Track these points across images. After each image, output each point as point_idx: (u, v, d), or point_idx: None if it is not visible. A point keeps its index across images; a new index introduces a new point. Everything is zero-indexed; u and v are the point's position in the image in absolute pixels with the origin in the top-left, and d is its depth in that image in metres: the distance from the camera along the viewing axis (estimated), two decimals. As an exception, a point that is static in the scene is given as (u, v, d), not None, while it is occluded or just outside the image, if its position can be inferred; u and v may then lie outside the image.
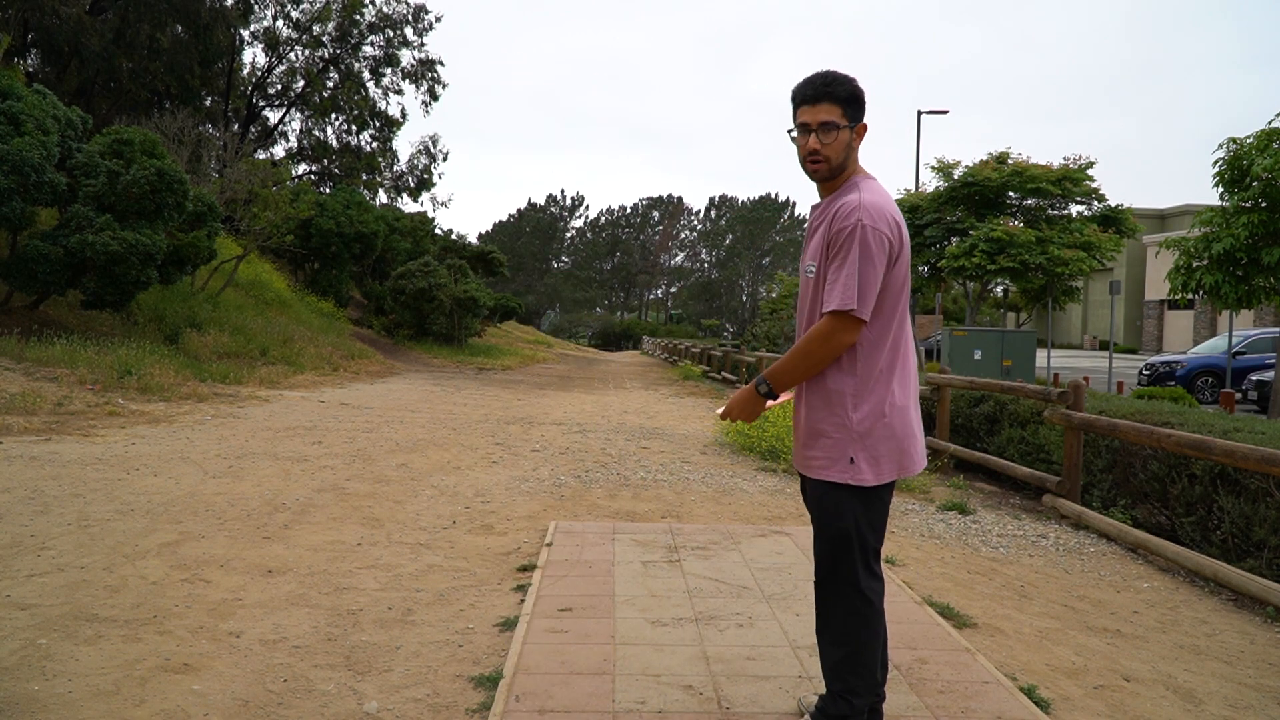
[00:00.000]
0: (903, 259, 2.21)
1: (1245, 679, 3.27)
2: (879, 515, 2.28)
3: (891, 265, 2.18)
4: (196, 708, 2.59)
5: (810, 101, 2.24)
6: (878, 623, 2.29)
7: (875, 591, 2.28)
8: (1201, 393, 17.09)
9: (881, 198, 2.21)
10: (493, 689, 2.74)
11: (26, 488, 5.31)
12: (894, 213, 2.20)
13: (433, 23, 33.63)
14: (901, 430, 2.24)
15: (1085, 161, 20.87)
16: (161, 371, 11.25)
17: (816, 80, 2.24)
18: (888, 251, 2.16)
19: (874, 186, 2.24)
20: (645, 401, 14.59)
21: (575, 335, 75.48)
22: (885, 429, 2.22)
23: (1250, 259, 11.08)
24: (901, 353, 2.26)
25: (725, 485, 6.49)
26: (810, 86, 2.24)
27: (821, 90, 2.23)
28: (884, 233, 2.14)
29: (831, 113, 2.22)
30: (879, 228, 2.14)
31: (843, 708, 2.28)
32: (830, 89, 2.22)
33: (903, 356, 2.27)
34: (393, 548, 4.44)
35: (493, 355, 27.63)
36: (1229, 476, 4.93)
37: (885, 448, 2.23)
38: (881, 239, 2.14)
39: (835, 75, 2.25)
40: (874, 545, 2.29)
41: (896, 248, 2.18)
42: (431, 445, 8.01)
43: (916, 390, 2.35)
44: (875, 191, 2.22)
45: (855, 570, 2.25)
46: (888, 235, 2.15)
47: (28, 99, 11.80)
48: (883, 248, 2.14)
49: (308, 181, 30.66)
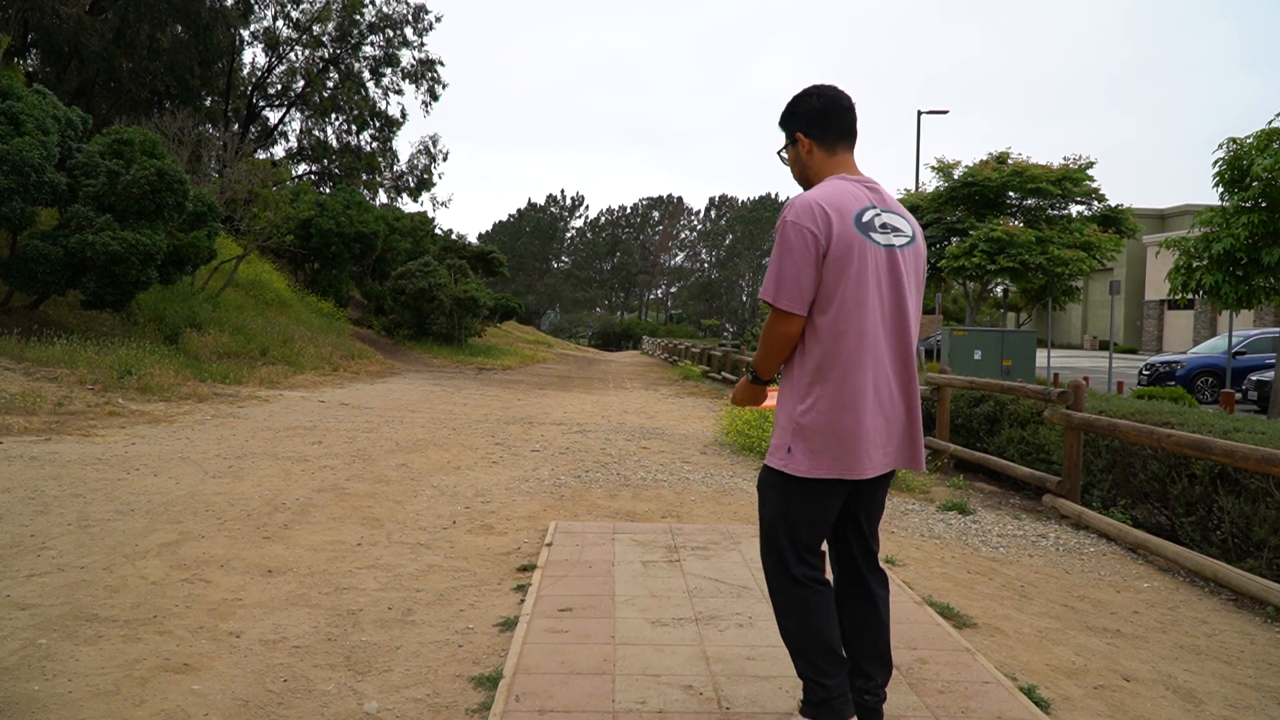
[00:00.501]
0: (842, 254, 2.18)
1: (1245, 679, 3.27)
2: (813, 510, 2.28)
3: (822, 258, 2.19)
4: (196, 708, 2.59)
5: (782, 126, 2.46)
6: (820, 612, 2.28)
7: (809, 580, 2.29)
8: (1201, 393, 17.09)
9: (820, 194, 2.23)
10: (493, 689, 2.74)
11: (26, 488, 5.31)
12: (828, 207, 2.19)
13: (433, 23, 33.64)
14: (848, 430, 2.21)
15: (1085, 161, 20.88)
16: (161, 371, 11.25)
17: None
18: (810, 244, 2.17)
19: (825, 185, 2.28)
20: (645, 401, 14.59)
21: (575, 335, 75.47)
22: (828, 425, 2.21)
23: (1250, 259, 11.08)
24: (864, 352, 2.21)
25: (725, 485, 6.49)
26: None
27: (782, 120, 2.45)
28: (805, 226, 2.18)
29: (788, 136, 2.43)
30: (800, 222, 2.19)
31: (819, 693, 2.27)
32: (783, 120, 2.43)
33: (868, 356, 2.22)
34: (393, 548, 4.44)
35: (493, 355, 27.63)
36: (1229, 476, 4.94)
37: (824, 444, 2.22)
38: (801, 232, 2.18)
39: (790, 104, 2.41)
40: (806, 539, 2.30)
41: (823, 241, 2.18)
42: (431, 445, 8.01)
43: (896, 394, 2.28)
44: (821, 189, 2.27)
45: (785, 557, 2.30)
46: (809, 229, 2.18)
47: (28, 99, 11.80)
48: (803, 239, 2.18)
49: (308, 181, 30.66)
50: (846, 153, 2.37)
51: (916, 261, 2.34)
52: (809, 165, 2.37)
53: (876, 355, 2.23)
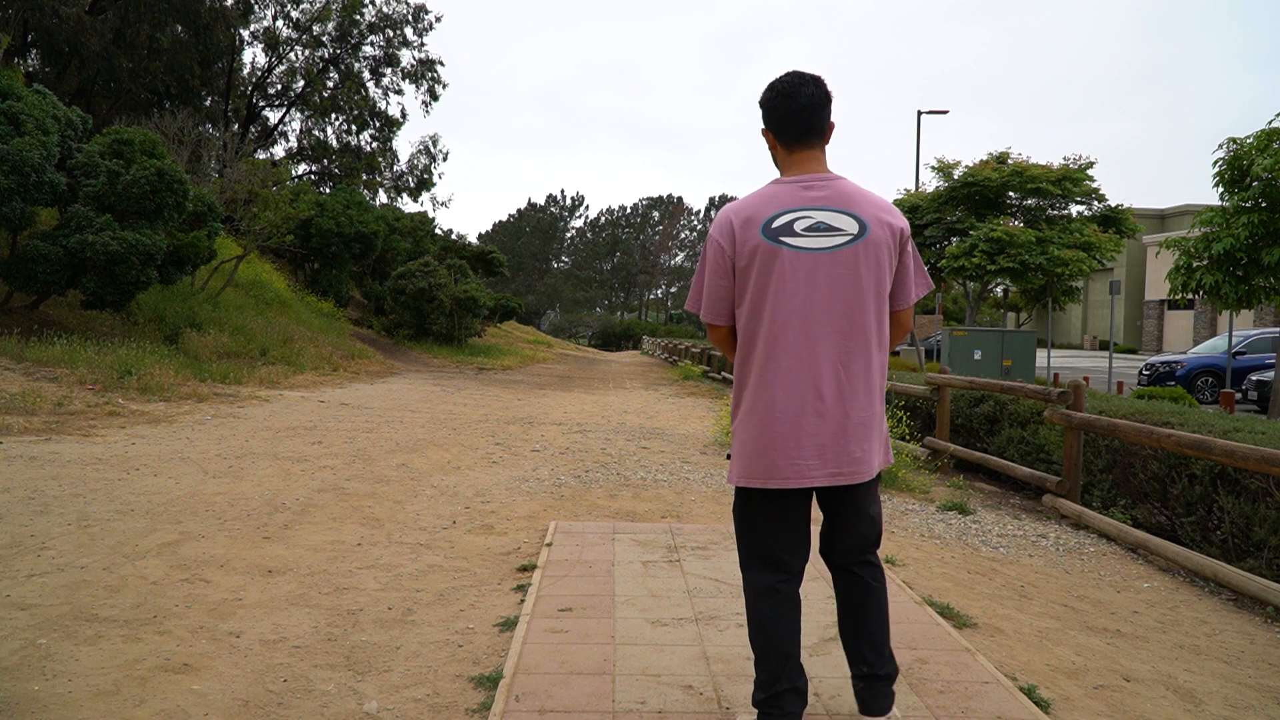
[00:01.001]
0: (746, 263, 2.19)
1: (1245, 679, 3.27)
2: (758, 519, 2.28)
3: (732, 270, 2.23)
4: (196, 708, 2.59)
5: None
6: (769, 619, 2.26)
7: (760, 585, 2.28)
8: (1201, 393, 17.09)
9: (740, 203, 2.27)
10: (493, 689, 2.74)
11: (26, 488, 5.31)
12: (738, 217, 2.22)
13: (433, 23, 33.64)
14: (762, 437, 2.19)
15: (1085, 161, 20.89)
16: (161, 371, 11.25)
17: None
18: (718, 255, 2.23)
19: (755, 192, 2.29)
20: (645, 401, 14.59)
21: (575, 335, 75.48)
22: (744, 432, 2.24)
23: (1250, 259, 11.09)
24: (777, 360, 2.18)
25: (725, 485, 6.49)
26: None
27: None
28: (714, 239, 2.24)
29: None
30: (712, 234, 2.25)
31: (759, 692, 2.29)
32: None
33: (782, 364, 2.18)
34: (393, 548, 4.44)
35: (493, 355, 27.63)
36: (1229, 476, 4.94)
37: (743, 451, 2.25)
38: (712, 244, 2.25)
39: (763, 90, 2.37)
40: (758, 548, 2.29)
41: (729, 251, 2.21)
42: (431, 445, 8.01)
43: (831, 400, 2.19)
44: (746, 197, 2.30)
45: (743, 561, 2.34)
46: (718, 241, 2.23)
47: (28, 99, 11.80)
48: (713, 251, 2.24)
49: (308, 181, 30.66)
50: (808, 149, 2.29)
51: (868, 258, 2.20)
52: (775, 159, 2.38)
53: (795, 362, 2.18)
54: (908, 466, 7.09)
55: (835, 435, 2.19)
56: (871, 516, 2.35)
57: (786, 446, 2.18)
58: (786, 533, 2.28)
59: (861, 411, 2.22)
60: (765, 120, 2.35)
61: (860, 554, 2.36)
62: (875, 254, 2.21)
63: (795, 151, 2.30)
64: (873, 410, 2.25)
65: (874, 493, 2.36)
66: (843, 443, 2.20)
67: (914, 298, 2.35)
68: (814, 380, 2.18)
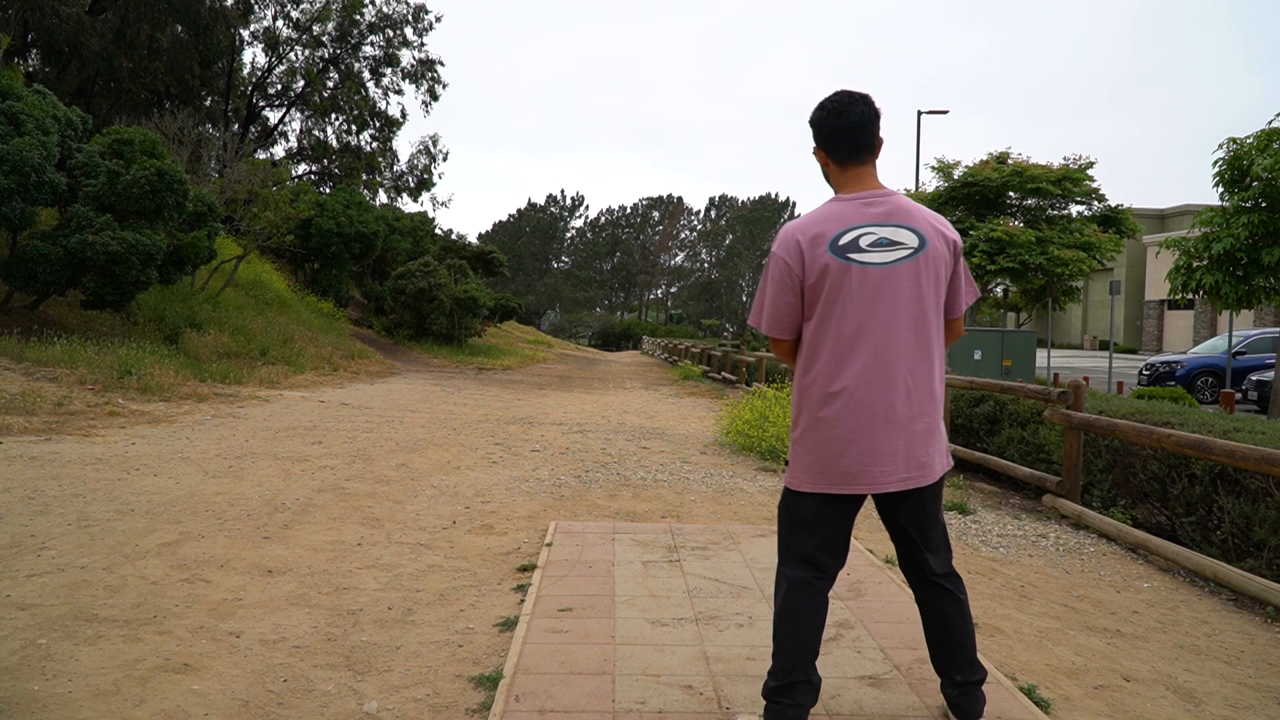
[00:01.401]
0: (816, 280, 2.27)
1: (1245, 679, 3.27)
2: (811, 522, 2.35)
3: (800, 286, 2.30)
4: (196, 708, 2.59)
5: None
6: (793, 611, 2.33)
7: (794, 579, 2.35)
8: (1201, 393, 17.09)
9: (804, 222, 2.33)
10: (493, 689, 2.74)
11: (26, 488, 5.31)
12: (804, 236, 2.28)
13: (433, 23, 33.66)
14: (833, 445, 2.28)
15: (1085, 161, 20.89)
16: (161, 371, 11.25)
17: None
18: (785, 274, 2.30)
19: (817, 210, 2.36)
20: (645, 401, 14.59)
21: (575, 335, 75.47)
22: (813, 440, 2.31)
23: (1250, 259, 11.08)
24: (845, 371, 2.26)
25: (725, 485, 6.49)
26: None
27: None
28: (780, 257, 2.31)
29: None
30: (777, 253, 2.32)
31: (770, 681, 2.36)
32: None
33: (849, 375, 2.26)
34: (393, 548, 4.44)
35: (493, 355, 27.63)
36: (1229, 476, 4.93)
37: (805, 459, 2.33)
38: (778, 263, 2.31)
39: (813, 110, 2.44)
40: (798, 550, 2.37)
41: (797, 270, 2.29)
42: (431, 445, 8.01)
43: (900, 407, 2.27)
44: (809, 215, 2.36)
45: (781, 554, 2.44)
46: (784, 259, 2.30)
47: (28, 99, 11.80)
48: (779, 270, 2.31)
49: (308, 181, 30.66)
50: (861, 166, 2.37)
51: (928, 270, 2.30)
52: (829, 176, 2.45)
53: (865, 372, 2.26)
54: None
55: (906, 442, 2.28)
56: (940, 521, 2.45)
57: (859, 454, 2.26)
58: (834, 537, 2.37)
59: (929, 418, 2.32)
60: (817, 139, 2.43)
61: (946, 564, 2.46)
62: (934, 266, 2.32)
63: (849, 169, 2.38)
64: (937, 416, 2.34)
65: (940, 497, 2.46)
66: (911, 449, 2.29)
67: (964, 306, 2.45)
68: (886, 389, 2.26)
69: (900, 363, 2.27)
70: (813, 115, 2.42)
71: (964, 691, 2.44)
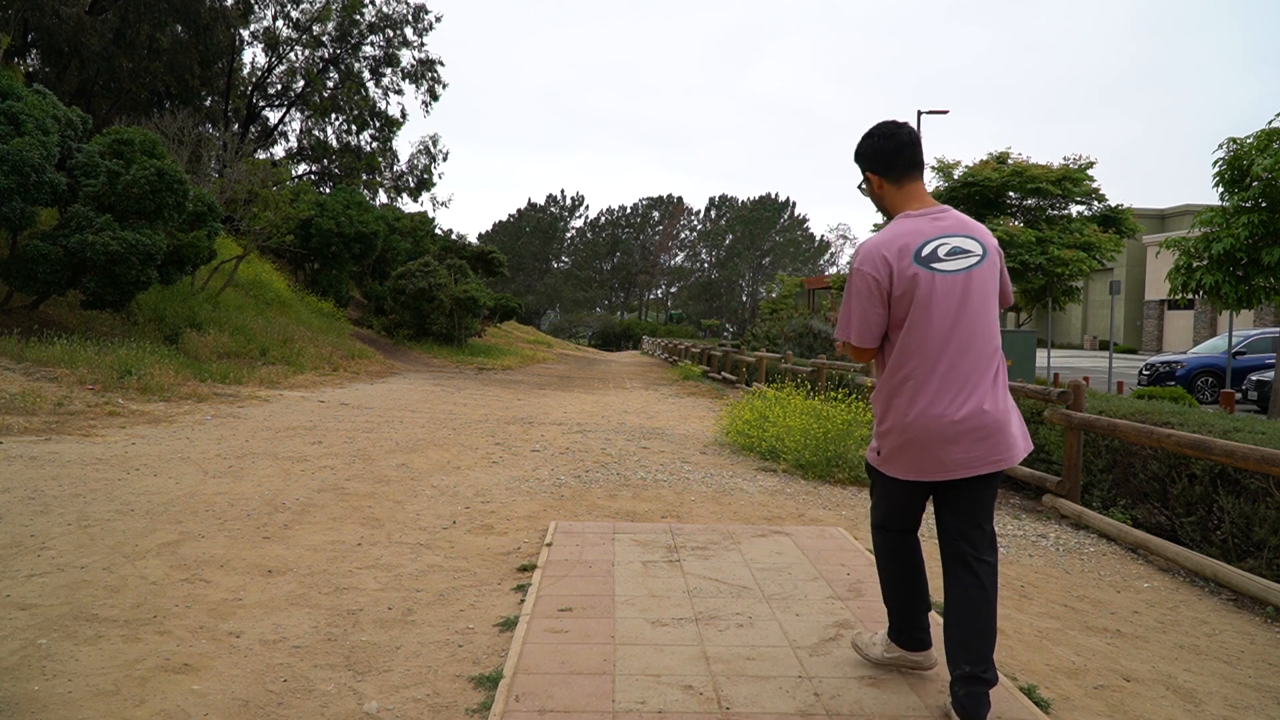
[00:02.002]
0: (905, 290, 2.49)
1: (1245, 679, 3.27)
2: (891, 498, 2.74)
3: (887, 297, 2.51)
4: (196, 708, 2.59)
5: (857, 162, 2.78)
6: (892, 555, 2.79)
7: (888, 528, 2.80)
8: (1201, 393, 17.08)
9: (884, 238, 2.54)
10: (493, 689, 2.74)
11: (26, 488, 5.31)
12: (889, 251, 2.50)
13: (433, 23, 33.69)
14: (917, 438, 2.53)
15: (1085, 161, 20.88)
16: (161, 371, 11.25)
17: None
18: (874, 287, 2.51)
19: (891, 227, 2.58)
20: (645, 401, 14.59)
21: (575, 335, 75.49)
22: (909, 433, 2.54)
23: (1250, 259, 11.08)
24: (932, 373, 2.50)
25: (725, 485, 6.49)
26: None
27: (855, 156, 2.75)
28: (868, 273, 2.51)
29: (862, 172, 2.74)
30: (864, 269, 2.52)
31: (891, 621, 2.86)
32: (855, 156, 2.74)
33: (934, 376, 2.50)
34: (393, 548, 4.44)
35: (493, 355, 27.63)
36: (1229, 476, 4.93)
37: (906, 448, 2.57)
38: (865, 278, 2.52)
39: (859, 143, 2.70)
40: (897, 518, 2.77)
41: (885, 283, 2.50)
42: (431, 445, 8.02)
43: (968, 403, 2.48)
44: (886, 232, 2.57)
45: (877, 521, 2.84)
46: (872, 275, 2.51)
47: (28, 99, 11.80)
48: (866, 284, 2.52)
49: (308, 181, 30.67)
50: (914, 182, 2.64)
51: (991, 274, 2.56)
52: (883, 198, 2.68)
53: (945, 374, 2.49)
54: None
55: (992, 429, 2.50)
56: (978, 503, 2.59)
57: (949, 444, 2.49)
58: (919, 508, 2.76)
59: (1006, 404, 2.56)
60: (870, 166, 2.67)
61: (960, 548, 2.58)
62: (994, 270, 2.59)
63: (905, 185, 2.63)
64: (1010, 402, 2.59)
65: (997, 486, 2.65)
66: (997, 435, 2.52)
67: (1009, 302, 2.73)
68: (971, 384, 2.50)
69: (981, 359, 2.52)
70: (861, 146, 2.67)
71: (969, 687, 2.45)
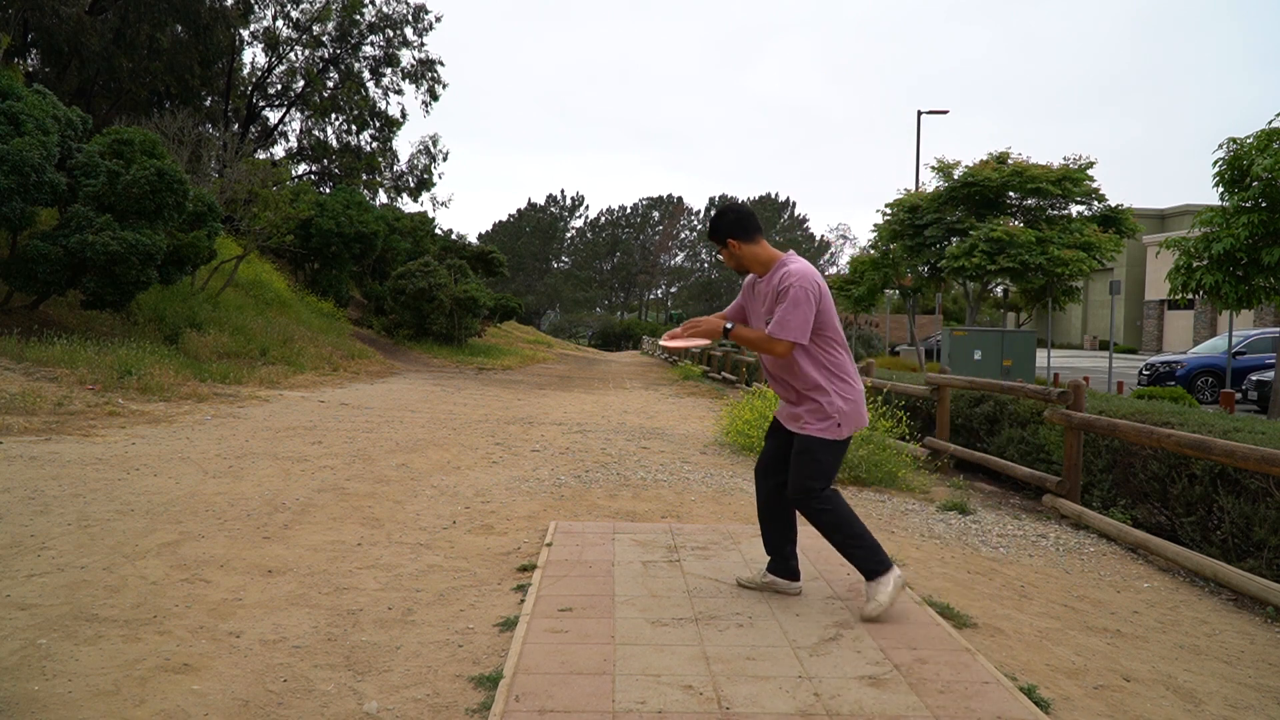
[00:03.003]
0: (825, 298, 3.43)
1: (1245, 679, 3.27)
2: (840, 456, 3.58)
3: (818, 304, 3.39)
4: (196, 708, 2.59)
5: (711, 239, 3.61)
6: (851, 513, 3.51)
7: (834, 493, 3.53)
8: (1201, 393, 17.09)
9: (804, 264, 3.46)
10: (493, 689, 2.74)
11: (26, 488, 5.31)
12: (814, 272, 3.43)
13: (433, 23, 33.64)
14: (860, 398, 3.52)
15: (1085, 161, 20.85)
16: (161, 371, 11.25)
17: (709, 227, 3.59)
18: (815, 298, 3.38)
19: (796, 259, 3.49)
20: (645, 401, 14.59)
21: (575, 335, 75.46)
22: (856, 399, 3.50)
23: (1250, 259, 11.08)
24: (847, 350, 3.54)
25: (725, 485, 6.49)
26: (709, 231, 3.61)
27: (710, 234, 3.60)
28: (808, 289, 3.37)
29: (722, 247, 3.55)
30: (806, 285, 3.37)
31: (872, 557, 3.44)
32: (711, 234, 3.57)
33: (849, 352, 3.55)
34: (393, 548, 4.44)
35: (493, 355, 27.63)
36: (1229, 476, 4.94)
37: (852, 414, 3.48)
38: (809, 292, 3.37)
39: (712, 222, 3.54)
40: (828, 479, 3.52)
41: (817, 294, 3.39)
42: (431, 445, 8.02)
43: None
44: (799, 261, 3.48)
45: (824, 487, 3.52)
46: (813, 289, 3.39)
47: (28, 99, 11.80)
48: (808, 296, 3.36)
49: (308, 181, 30.65)
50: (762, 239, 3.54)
51: None
52: (742, 257, 3.52)
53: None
54: (908, 467, 7.09)
55: None
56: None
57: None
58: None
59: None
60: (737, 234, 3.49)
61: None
62: None
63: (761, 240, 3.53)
64: None
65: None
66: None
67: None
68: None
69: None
70: (722, 224, 3.48)
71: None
